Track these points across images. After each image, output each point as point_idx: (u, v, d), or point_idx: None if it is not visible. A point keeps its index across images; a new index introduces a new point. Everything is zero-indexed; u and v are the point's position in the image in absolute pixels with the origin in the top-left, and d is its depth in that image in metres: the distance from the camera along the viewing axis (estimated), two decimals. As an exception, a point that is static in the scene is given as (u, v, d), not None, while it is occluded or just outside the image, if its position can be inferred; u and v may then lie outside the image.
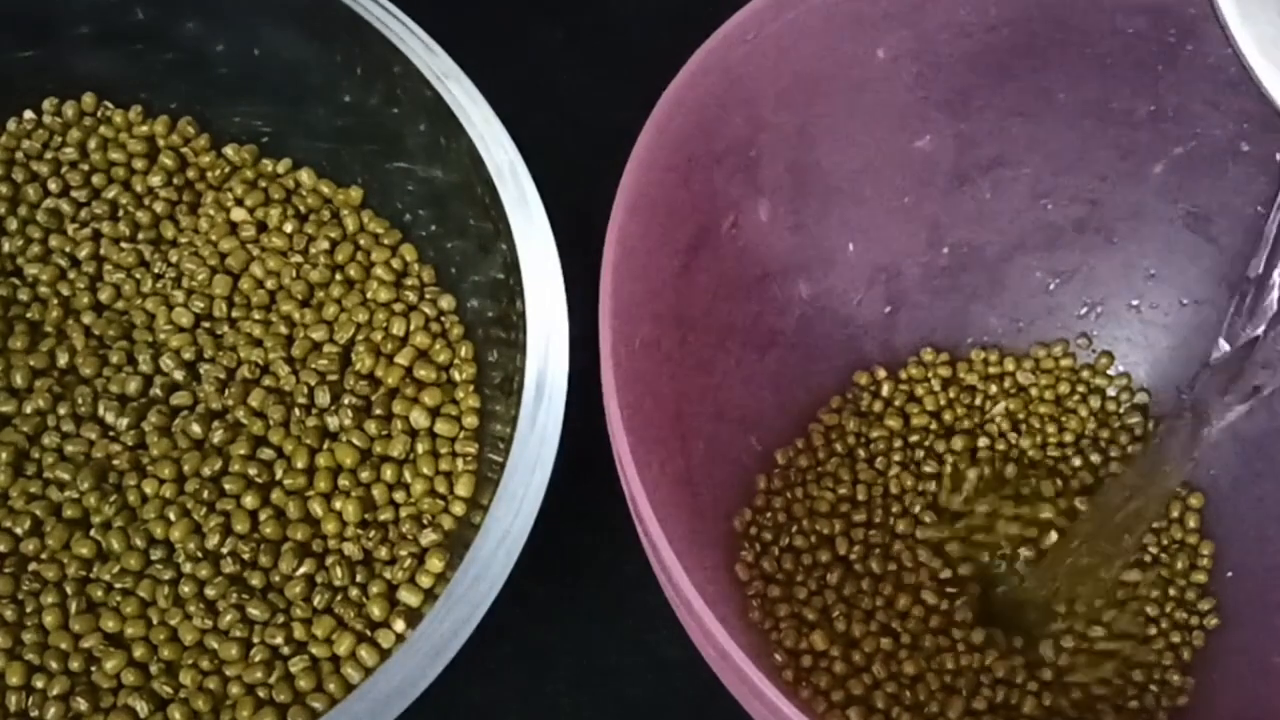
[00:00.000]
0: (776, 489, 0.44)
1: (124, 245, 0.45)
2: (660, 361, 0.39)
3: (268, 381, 0.42)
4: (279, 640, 0.38)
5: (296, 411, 0.42)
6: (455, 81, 0.40)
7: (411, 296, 0.44)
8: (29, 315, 0.43)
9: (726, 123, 0.41)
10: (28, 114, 0.47)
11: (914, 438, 0.46)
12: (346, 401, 0.42)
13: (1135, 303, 0.48)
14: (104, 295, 0.44)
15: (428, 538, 0.39)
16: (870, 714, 0.40)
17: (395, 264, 0.44)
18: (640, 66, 0.38)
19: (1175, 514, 0.45)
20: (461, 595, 0.34)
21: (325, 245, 0.45)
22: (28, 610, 0.38)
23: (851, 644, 0.41)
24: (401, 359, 0.42)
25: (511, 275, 0.38)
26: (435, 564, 0.39)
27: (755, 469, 0.44)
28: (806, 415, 0.47)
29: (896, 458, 0.46)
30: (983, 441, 0.46)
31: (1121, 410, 0.47)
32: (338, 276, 0.44)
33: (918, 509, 0.44)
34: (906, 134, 0.45)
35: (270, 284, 0.44)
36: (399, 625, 0.38)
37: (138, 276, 0.44)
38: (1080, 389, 0.48)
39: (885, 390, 0.47)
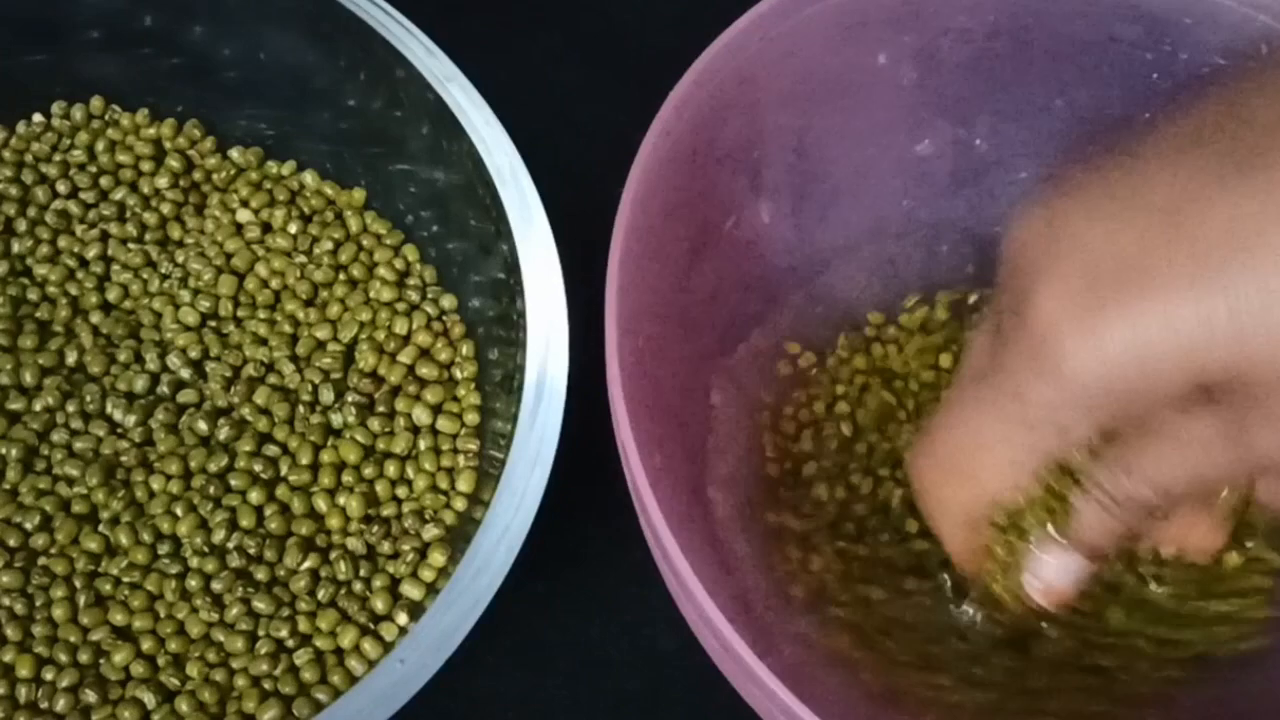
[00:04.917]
0: (781, 481, 0.45)
1: (131, 246, 0.45)
2: (664, 358, 0.39)
3: (272, 379, 0.43)
4: (284, 633, 0.38)
5: (301, 409, 0.42)
6: (457, 85, 0.41)
7: (414, 296, 0.44)
8: (38, 315, 0.44)
9: (730, 124, 0.41)
10: (37, 117, 0.47)
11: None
12: (350, 399, 0.42)
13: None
14: (112, 295, 0.45)
15: (430, 533, 0.40)
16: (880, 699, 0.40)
17: (398, 264, 0.45)
18: (639, 70, 0.39)
19: None
20: (463, 589, 0.34)
21: (329, 246, 0.45)
22: (37, 604, 0.39)
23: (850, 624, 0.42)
24: (404, 357, 0.43)
25: (512, 275, 0.39)
26: (437, 559, 0.39)
27: (757, 462, 0.44)
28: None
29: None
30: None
31: None
32: (341, 276, 0.45)
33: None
34: (906, 138, 0.46)
35: (275, 284, 0.45)
36: (402, 619, 0.39)
37: (145, 276, 0.45)
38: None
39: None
